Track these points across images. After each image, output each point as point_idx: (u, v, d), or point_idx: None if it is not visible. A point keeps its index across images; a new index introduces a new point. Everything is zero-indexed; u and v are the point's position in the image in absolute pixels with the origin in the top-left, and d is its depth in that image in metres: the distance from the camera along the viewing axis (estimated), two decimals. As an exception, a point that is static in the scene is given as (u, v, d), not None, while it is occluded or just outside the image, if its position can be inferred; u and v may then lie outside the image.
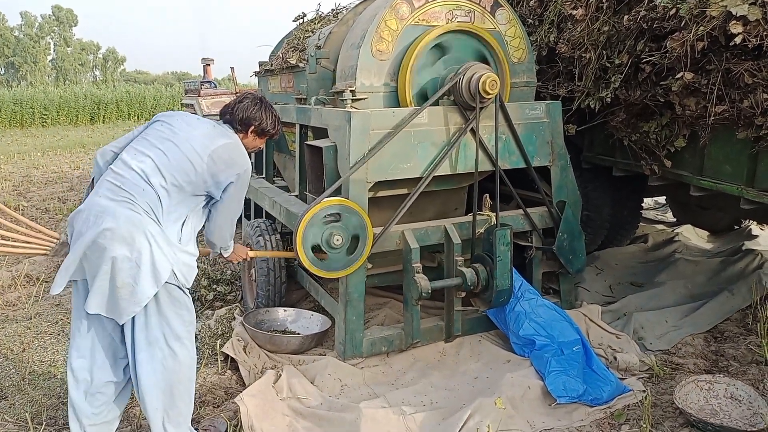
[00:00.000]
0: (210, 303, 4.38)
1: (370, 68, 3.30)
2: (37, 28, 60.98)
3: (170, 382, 2.42)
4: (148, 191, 2.33)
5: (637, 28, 3.34)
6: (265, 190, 4.30)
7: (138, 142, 2.47)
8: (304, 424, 2.76)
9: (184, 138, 2.44)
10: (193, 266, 2.47)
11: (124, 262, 2.25)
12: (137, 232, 2.26)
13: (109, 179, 2.36)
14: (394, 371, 3.29)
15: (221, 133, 2.55)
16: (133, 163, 2.38)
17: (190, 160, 2.39)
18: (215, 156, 2.43)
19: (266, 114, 2.66)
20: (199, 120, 2.59)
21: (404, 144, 3.23)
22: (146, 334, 2.37)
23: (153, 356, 2.39)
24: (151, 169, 2.36)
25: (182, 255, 2.39)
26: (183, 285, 2.41)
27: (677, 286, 4.16)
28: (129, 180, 2.34)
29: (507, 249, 3.13)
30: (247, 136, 2.65)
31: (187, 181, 2.39)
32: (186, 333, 2.45)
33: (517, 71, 3.61)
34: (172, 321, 2.40)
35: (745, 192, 3.29)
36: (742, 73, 2.95)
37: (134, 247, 2.25)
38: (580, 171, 4.43)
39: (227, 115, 2.64)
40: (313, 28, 4.59)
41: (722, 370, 3.23)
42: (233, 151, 2.52)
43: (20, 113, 22.74)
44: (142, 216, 2.30)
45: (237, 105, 2.64)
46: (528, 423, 2.74)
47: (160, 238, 2.31)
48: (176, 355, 2.41)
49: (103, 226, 2.24)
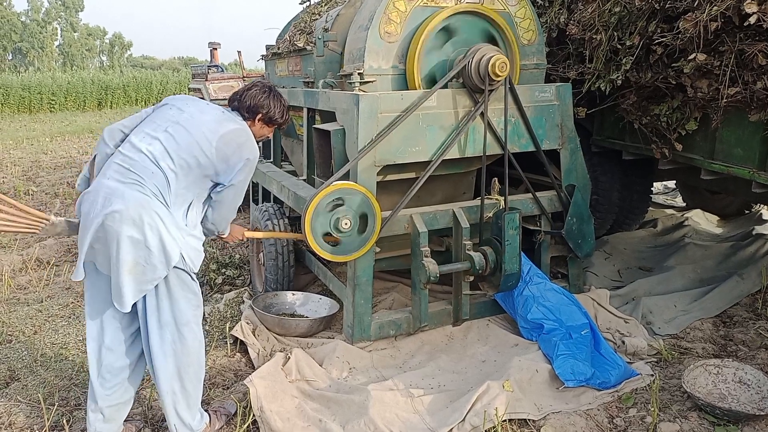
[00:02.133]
0: (219, 287, 4.41)
1: (379, 50, 3.28)
2: (43, 14, 60.86)
3: (179, 366, 2.45)
4: (157, 174, 2.33)
5: (649, 8, 3.29)
6: (273, 175, 4.29)
7: (147, 124, 2.46)
8: (312, 406, 2.78)
9: (194, 122, 2.43)
10: (200, 250, 2.47)
11: (132, 244, 2.25)
12: (146, 214, 2.26)
13: (118, 161, 2.36)
14: (402, 354, 3.30)
15: (230, 119, 2.54)
16: (142, 145, 2.37)
17: (199, 144, 2.38)
18: (224, 141, 2.42)
19: (274, 102, 2.64)
20: (209, 105, 2.58)
21: (413, 127, 3.21)
22: (158, 317, 2.39)
23: (163, 339, 2.41)
24: (160, 152, 2.36)
25: (190, 239, 2.40)
26: (191, 269, 2.42)
27: (686, 271, 4.14)
28: (138, 162, 2.34)
29: (516, 233, 3.12)
30: (254, 124, 2.63)
31: (196, 165, 2.38)
32: (193, 317, 2.47)
33: (526, 53, 3.57)
34: (181, 304, 2.42)
35: (757, 176, 3.25)
36: (756, 54, 2.91)
37: (143, 229, 2.25)
38: (590, 155, 4.40)
39: (235, 102, 2.62)
40: (321, 11, 4.55)
41: (731, 355, 3.22)
42: (242, 136, 2.50)
43: (28, 99, 22.78)
44: (151, 198, 2.30)
45: (245, 92, 2.62)
46: (536, 406, 2.75)
47: (168, 221, 2.31)
48: (185, 339, 2.43)
49: (112, 207, 2.24)
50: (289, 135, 4.77)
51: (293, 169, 4.72)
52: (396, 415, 2.67)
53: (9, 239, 5.65)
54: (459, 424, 2.60)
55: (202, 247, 2.50)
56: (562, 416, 2.68)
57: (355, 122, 3.12)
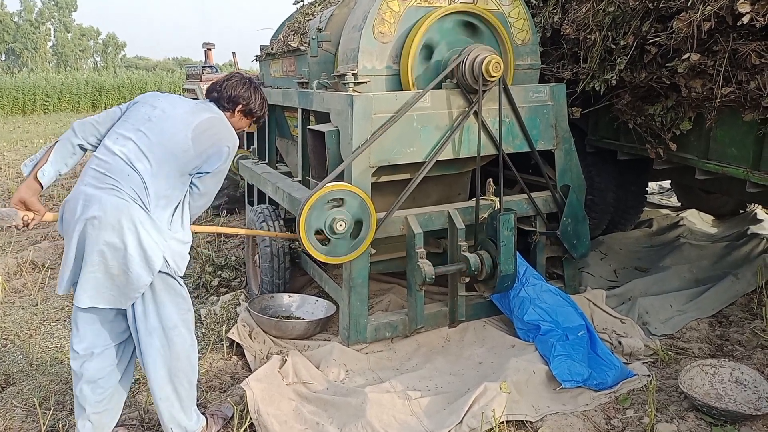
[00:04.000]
0: (215, 289, 4.39)
1: (372, 51, 3.27)
2: (36, 14, 60.61)
3: (170, 370, 2.43)
4: (133, 176, 2.27)
5: (642, 8, 3.29)
6: (267, 176, 4.28)
7: (119, 125, 2.39)
8: (309, 409, 2.77)
9: (167, 117, 2.37)
10: (185, 254, 2.41)
11: (114, 251, 2.22)
12: (125, 219, 2.21)
13: (94, 167, 2.30)
14: (399, 356, 3.29)
15: (204, 109, 2.48)
16: (116, 147, 2.31)
17: (174, 139, 2.32)
18: (200, 130, 2.35)
19: (255, 94, 2.60)
20: (181, 98, 2.52)
21: (407, 128, 3.21)
22: (145, 323, 2.37)
23: (152, 345, 2.39)
24: (135, 153, 2.29)
25: (172, 242, 2.34)
26: (176, 273, 2.37)
27: (682, 271, 4.15)
28: (113, 166, 2.28)
29: (511, 234, 3.12)
30: (233, 115, 2.58)
31: (174, 161, 2.31)
32: (182, 321, 2.43)
33: (520, 53, 3.57)
34: (168, 309, 2.38)
35: (751, 175, 3.26)
36: (749, 53, 2.91)
37: (123, 234, 2.21)
38: (585, 155, 4.40)
39: (214, 92, 2.56)
40: (314, 11, 4.54)
41: (727, 355, 3.23)
42: (218, 125, 2.45)
43: (22, 100, 22.69)
44: (129, 203, 2.24)
45: (225, 82, 2.56)
46: (533, 407, 2.75)
47: (148, 225, 2.26)
48: (174, 343, 2.40)
49: (90, 214, 2.20)
50: (284, 136, 4.76)
51: (288, 171, 4.71)
52: (393, 418, 2.67)
53: (3, 242, 5.62)
54: (456, 426, 2.59)
55: (187, 251, 2.44)
56: (559, 417, 2.68)
57: (350, 123, 3.11)
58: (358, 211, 3.09)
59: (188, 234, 2.45)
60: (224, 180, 2.58)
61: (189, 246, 2.45)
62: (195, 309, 4.00)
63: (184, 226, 2.43)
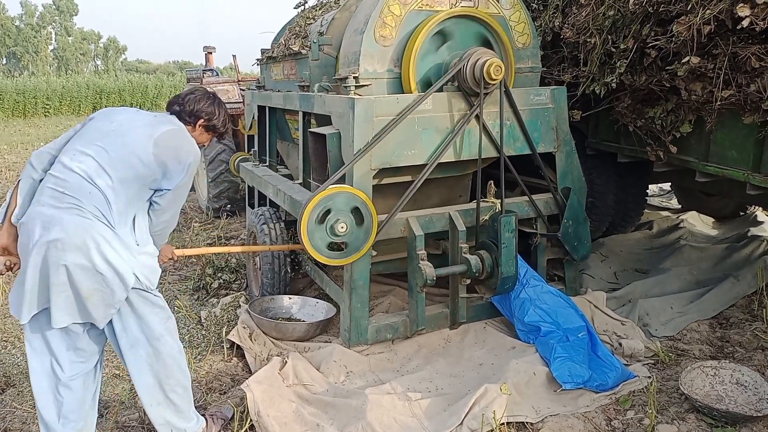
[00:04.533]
0: (215, 291, 4.39)
1: (374, 54, 3.28)
2: (37, 18, 60.76)
3: (159, 378, 2.41)
4: (95, 194, 2.18)
5: (642, 12, 3.30)
6: (268, 178, 4.29)
7: (76, 141, 2.31)
8: (310, 410, 2.78)
9: (125, 130, 2.29)
10: (156, 267, 2.37)
11: (83, 272, 2.15)
12: (89, 239, 2.13)
13: (51, 185, 2.20)
14: (400, 358, 3.30)
15: (164, 121, 2.41)
16: (74, 164, 2.21)
17: (135, 152, 2.24)
18: (160, 143, 2.28)
19: (218, 110, 2.55)
20: (139, 111, 2.46)
21: (408, 131, 3.22)
22: (127, 337, 2.34)
23: (138, 357, 2.36)
24: (94, 168, 2.21)
25: (142, 257, 2.29)
26: (148, 288, 2.32)
27: (682, 273, 4.15)
28: (72, 184, 2.18)
29: (512, 236, 3.13)
30: (195, 129, 2.51)
31: (135, 176, 2.24)
32: (165, 329, 2.40)
33: (521, 56, 3.58)
34: (149, 320, 2.35)
35: (752, 177, 3.27)
36: (749, 57, 2.92)
37: (89, 255, 2.13)
38: (585, 157, 4.40)
39: (175, 105, 2.49)
40: (316, 15, 4.55)
41: (728, 356, 3.23)
42: (179, 137, 2.37)
43: (23, 103, 22.73)
44: (93, 221, 2.16)
45: (188, 96, 2.50)
46: (533, 409, 2.75)
47: (115, 243, 2.19)
48: (160, 352, 2.38)
49: (52, 236, 2.11)
50: (285, 138, 4.77)
51: (289, 173, 4.71)
52: (394, 419, 2.67)
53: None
54: (457, 427, 2.60)
55: (158, 264, 2.41)
56: (560, 419, 2.68)
57: (351, 126, 3.12)
58: (352, 205, 3.09)
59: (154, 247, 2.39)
60: (224, 184, 2.56)
61: (157, 258, 2.40)
62: (195, 311, 4.05)
63: (149, 240, 2.36)
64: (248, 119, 5.28)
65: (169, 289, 4.55)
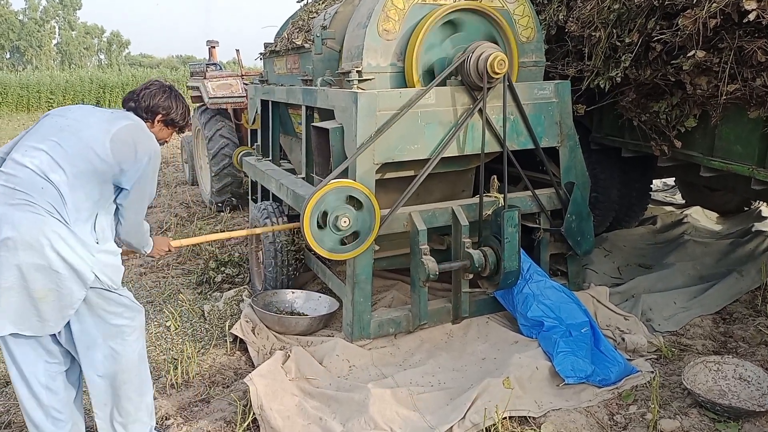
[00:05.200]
0: (218, 285, 4.40)
1: (377, 48, 3.27)
2: (41, 12, 60.74)
3: (114, 383, 2.31)
4: (48, 189, 2.09)
5: (648, 5, 3.28)
6: (271, 173, 4.29)
7: (28, 138, 2.22)
8: (312, 404, 2.78)
9: (81, 125, 2.21)
10: (118, 265, 2.28)
11: (37, 271, 2.06)
12: (43, 236, 2.05)
13: (1, 182, 2.11)
14: (402, 352, 3.30)
15: (121, 116, 2.33)
16: (25, 160, 2.12)
17: (92, 148, 2.16)
18: (118, 139, 2.20)
19: (175, 103, 2.44)
20: (94, 108, 2.39)
21: (411, 125, 3.21)
22: (84, 338, 2.24)
23: (93, 359, 2.26)
24: (48, 164, 2.12)
25: (102, 255, 2.20)
26: (110, 287, 2.23)
27: (686, 268, 4.14)
28: (24, 179, 2.09)
29: (515, 231, 3.12)
30: (153, 125, 2.42)
31: (92, 171, 2.15)
32: (129, 330, 2.30)
33: (525, 50, 3.57)
34: (109, 320, 2.26)
35: (756, 172, 3.25)
36: (755, 50, 2.90)
37: (43, 253, 2.05)
38: (589, 152, 4.39)
39: (131, 102, 2.40)
40: (319, 9, 4.54)
41: (731, 352, 3.23)
42: (137, 132, 2.29)
43: (27, 97, 22.75)
44: (46, 217, 2.07)
45: (143, 91, 2.41)
46: (536, 403, 2.75)
47: (71, 240, 2.10)
48: (118, 354, 2.28)
49: (2, 235, 2.03)
50: (288, 133, 4.77)
51: (292, 167, 4.72)
52: (396, 413, 2.68)
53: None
54: (459, 421, 2.60)
55: (120, 261, 2.31)
56: (562, 413, 2.68)
57: (354, 120, 3.11)
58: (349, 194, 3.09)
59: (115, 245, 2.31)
60: (227, 178, 2.51)
61: (119, 256, 2.31)
62: (198, 305, 4.06)
63: (111, 238, 2.29)
64: (251, 113, 5.28)
65: (173, 283, 4.56)
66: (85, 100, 24.33)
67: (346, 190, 3.06)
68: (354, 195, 3.07)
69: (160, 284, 4.59)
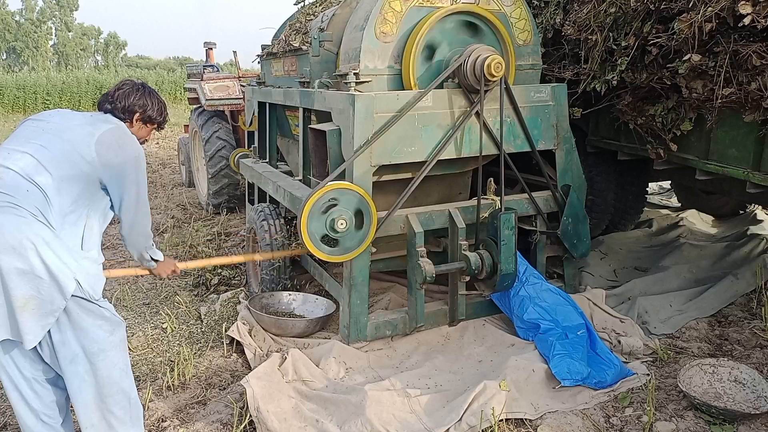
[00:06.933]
0: (215, 287, 4.40)
1: (374, 51, 3.28)
2: (38, 13, 60.63)
3: (96, 397, 2.26)
4: (33, 192, 2.06)
5: (644, 9, 3.30)
6: (268, 175, 4.29)
7: (9, 142, 2.19)
8: (309, 406, 2.78)
9: (64, 128, 2.20)
10: (99, 275, 2.24)
11: (19, 276, 2.00)
12: (26, 239, 2.00)
13: None
14: (399, 355, 3.30)
15: (102, 119, 2.33)
16: (9, 162, 2.09)
17: (77, 149, 2.14)
18: (103, 143, 2.19)
19: (150, 100, 2.45)
20: (73, 111, 2.39)
21: (409, 127, 3.21)
22: (65, 350, 2.19)
23: (75, 373, 2.21)
24: (33, 166, 2.09)
25: (85, 263, 2.15)
26: (92, 298, 2.17)
27: (682, 271, 4.15)
28: (7, 181, 2.06)
29: (511, 233, 3.13)
30: (132, 125, 2.42)
31: (79, 174, 2.13)
32: (109, 344, 2.24)
33: (522, 53, 3.58)
34: (90, 333, 2.20)
35: (752, 176, 3.27)
36: (750, 54, 2.92)
37: (26, 257, 1.99)
38: (585, 155, 4.41)
39: (107, 104, 2.40)
40: (316, 11, 4.55)
41: (726, 354, 3.24)
42: (120, 135, 2.28)
43: (23, 98, 22.71)
44: (30, 220, 2.03)
45: (116, 92, 2.40)
46: (532, 405, 2.76)
47: (55, 244, 2.05)
48: (98, 369, 2.23)
49: None
50: (285, 135, 4.77)
51: (289, 170, 4.71)
52: (393, 416, 2.67)
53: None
54: (456, 423, 2.60)
55: (101, 271, 2.27)
56: (558, 416, 2.68)
57: (351, 122, 3.12)
58: (357, 207, 3.10)
59: (100, 254, 2.28)
60: (224, 180, 2.52)
61: (101, 265, 2.28)
62: (195, 307, 4.05)
63: (96, 246, 2.26)
64: (248, 115, 5.28)
65: (169, 285, 4.56)
66: (81, 101, 24.28)
67: (343, 192, 3.06)
68: (351, 197, 3.07)
69: (156, 286, 4.58)
